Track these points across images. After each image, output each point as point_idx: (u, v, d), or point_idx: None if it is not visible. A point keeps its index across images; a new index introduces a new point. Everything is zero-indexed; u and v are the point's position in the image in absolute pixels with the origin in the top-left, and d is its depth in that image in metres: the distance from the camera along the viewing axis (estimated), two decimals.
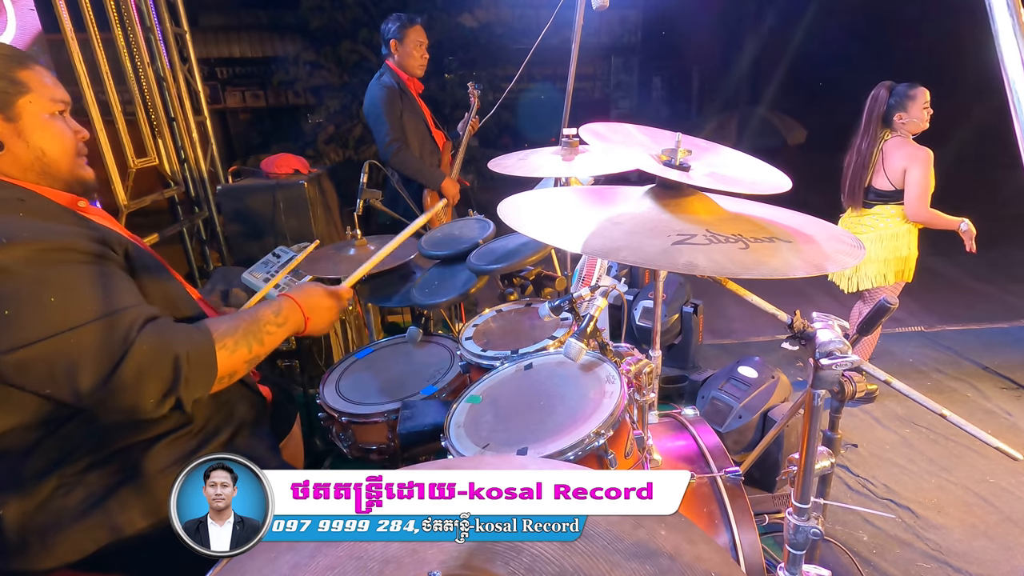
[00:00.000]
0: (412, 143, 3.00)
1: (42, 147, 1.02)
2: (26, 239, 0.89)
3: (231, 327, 1.07)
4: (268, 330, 1.13)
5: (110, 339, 0.92)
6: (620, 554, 0.62)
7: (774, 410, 2.46)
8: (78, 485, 1.02)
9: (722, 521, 1.30)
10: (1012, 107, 0.54)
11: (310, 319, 1.23)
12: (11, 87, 0.98)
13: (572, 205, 1.07)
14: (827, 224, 0.95)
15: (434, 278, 1.92)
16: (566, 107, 2.26)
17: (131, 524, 1.05)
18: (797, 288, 4.45)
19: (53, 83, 1.05)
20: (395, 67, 2.98)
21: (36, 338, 0.88)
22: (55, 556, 1.00)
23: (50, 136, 1.03)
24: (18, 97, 0.98)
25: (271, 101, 8.05)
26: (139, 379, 0.93)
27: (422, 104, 3.13)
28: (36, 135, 1.01)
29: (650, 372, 1.26)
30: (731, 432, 2.42)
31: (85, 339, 0.90)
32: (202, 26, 7.12)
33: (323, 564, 0.66)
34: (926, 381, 3.34)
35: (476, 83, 3.15)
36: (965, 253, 2.70)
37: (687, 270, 0.75)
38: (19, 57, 1.02)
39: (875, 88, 2.83)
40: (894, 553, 2.07)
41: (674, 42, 8.84)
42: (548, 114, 3.21)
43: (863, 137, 2.86)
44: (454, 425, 1.19)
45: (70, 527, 1.01)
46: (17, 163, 1.01)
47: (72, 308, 0.90)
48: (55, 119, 1.04)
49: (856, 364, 0.82)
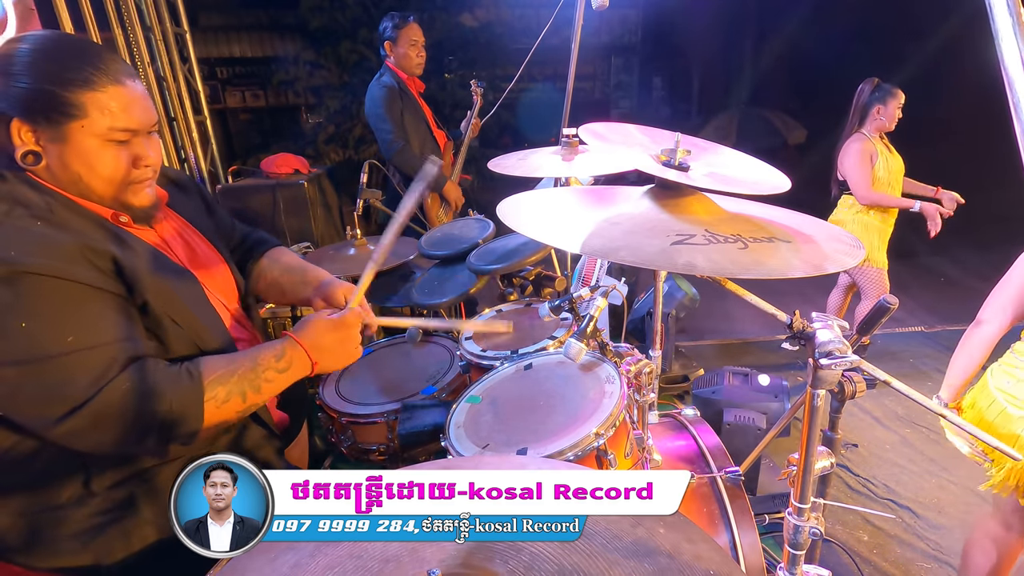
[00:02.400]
0: (413, 143, 2.99)
1: (80, 173, 0.94)
2: (12, 259, 0.83)
3: (226, 373, 0.97)
4: (267, 376, 1.01)
5: (80, 375, 0.85)
6: (619, 552, 0.62)
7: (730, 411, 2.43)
8: (90, 497, 1.00)
9: (722, 521, 1.30)
10: (1012, 107, 0.54)
11: (318, 363, 1.07)
12: (69, 110, 0.90)
13: (571, 205, 1.07)
14: (826, 224, 0.95)
15: (434, 278, 1.92)
16: (566, 107, 2.25)
17: (142, 538, 1.02)
18: (797, 288, 4.45)
19: (126, 108, 0.94)
20: (394, 67, 2.99)
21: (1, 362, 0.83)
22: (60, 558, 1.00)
23: (95, 163, 0.94)
24: (71, 121, 0.90)
25: (271, 101, 8.04)
26: (101, 424, 0.87)
27: (423, 104, 3.12)
28: (77, 161, 0.93)
29: (650, 372, 1.26)
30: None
31: (53, 372, 0.85)
32: (202, 26, 7.11)
33: (323, 564, 0.66)
34: (926, 381, 3.34)
35: (479, 80, 3.14)
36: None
37: (686, 270, 0.75)
38: (99, 76, 0.92)
39: (863, 83, 2.99)
40: (894, 553, 2.07)
41: (674, 42, 8.84)
42: (548, 114, 3.21)
43: (845, 129, 3.06)
44: (454, 425, 1.20)
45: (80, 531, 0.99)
46: (53, 177, 0.95)
47: (44, 338, 0.85)
48: (108, 146, 0.94)
49: (856, 364, 0.82)
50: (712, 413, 2.46)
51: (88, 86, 0.91)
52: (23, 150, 0.91)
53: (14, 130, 0.90)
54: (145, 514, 1.02)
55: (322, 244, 3.10)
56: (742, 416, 2.37)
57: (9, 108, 0.90)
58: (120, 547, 1.00)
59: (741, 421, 2.35)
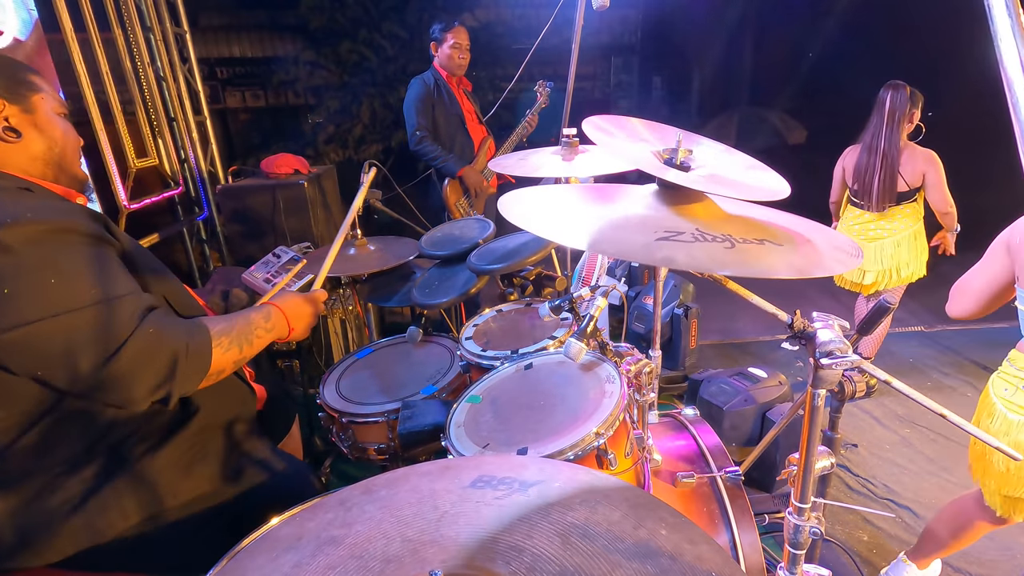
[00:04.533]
0: (441, 135, 3.25)
1: (54, 137, 1.08)
2: (29, 219, 0.90)
3: (227, 327, 1.10)
4: (258, 334, 1.18)
5: (111, 324, 0.92)
6: (621, 554, 0.62)
7: (773, 410, 2.47)
8: (64, 483, 1.02)
9: (722, 521, 1.30)
10: (1012, 107, 0.54)
11: (294, 329, 1.29)
12: (25, 86, 1.05)
13: (575, 202, 1.07)
14: (831, 232, 0.94)
15: (434, 278, 1.92)
16: (566, 107, 2.25)
17: (124, 521, 1.05)
18: (798, 288, 4.45)
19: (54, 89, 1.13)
20: (438, 67, 3.25)
21: (35, 318, 0.88)
22: (43, 555, 1.01)
23: (61, 131, 1.10)
24: (33, 94, 1.06)
25: (271, 101, 8.04)
26: (135, 368, 0.93)
27: (464, 101, 3.33)
28: (49, 127, 1.07)
29: (650, 372, 1.26)
30: (732, 413, 2.49)
31: (85, 322, 0.90)
32: (202, 26, 7.11)
33: (324, 563, 0.66)
34: (926, 381, 3.34)
35: (548, 81, 3.25)
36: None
37: (663, 264, 0.77)
38: (25, 65, 1.10)
39: (892, 88, 2.81)
40: (894, 553, 2.07)
41: (674, 42, 8.83)
42: (548, 114, 3.21)
43: (884, 138, 2.82)
44: (454, 425, 1.20)
45: (57, 526, 1.01)
46: (28, 153, 1.05)
47: (73, 290, 0.91)
48: (60, 119, 1.11)
49: (856, 364, 0.82)
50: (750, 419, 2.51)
51: (29, 71, 1.08)
52: (1, 127, 1.01)
53: None
54: (117, 496, 1.05)
55: (322, 244, 3.09)
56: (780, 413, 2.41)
57: None
58: (91, 534, 1.03)
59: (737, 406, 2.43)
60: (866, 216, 3.01)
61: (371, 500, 0.76)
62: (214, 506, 1.17)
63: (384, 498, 0.76)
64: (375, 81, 5.91)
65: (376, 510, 0.73)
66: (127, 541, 1.06)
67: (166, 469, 1.11)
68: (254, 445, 1.29)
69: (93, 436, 1.04)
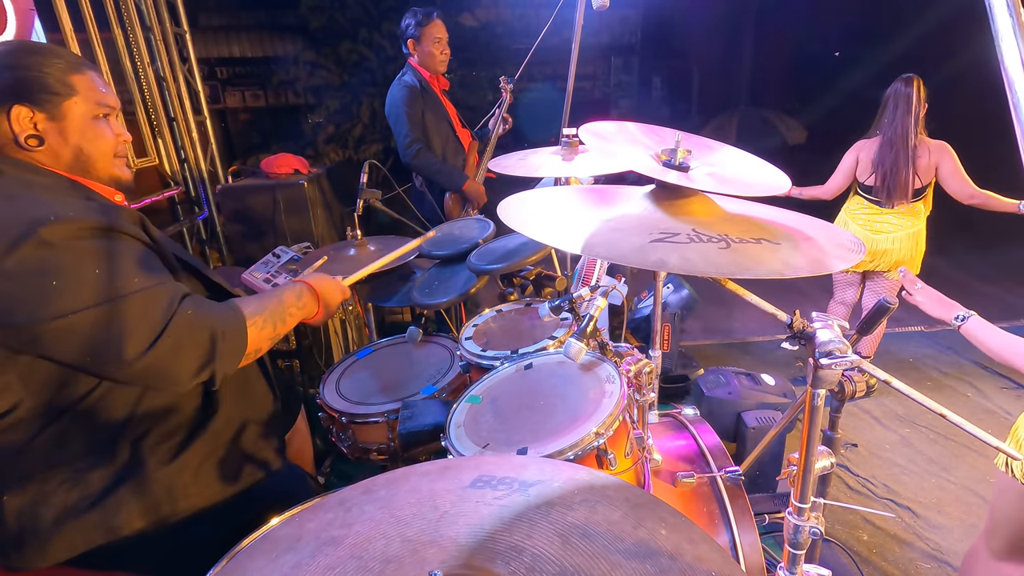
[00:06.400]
0: (434, 143, 2.93)
1: (80, 146, 1.08)
2: (71, 218, 0.94)
3: (259, 307, 1.15)
4: (291, 312, 1.21)
5: (153, 310, 0.97)
6: (621, 554, 0.62)
7: (748, 413, 2.47)
8: (84, 478, 1.03)
9: (722, 521, 1.30)
10: (1012, 107, 0.54)
11: (320, 312, 1.31)
12: (62, 89, 1.04)
13: (573, 204, 1.07)
14: (834, 228, 0.94)
15: (434, 278, 1.92)
16: (566, 107, 2.25)
17: (129, 523, 1.05)
18: (798, 288, 4.45)
19: (104, 87, 1.12)
20: (417, 66, 2.90)
21: (83, 306, 0.91)
22: (51, 555, 1.01)
23: (90, 137, 1.09)
24: (65, 99, 1.05)
25: (271, 101, 8.05)
26: (178, 350, 0.98)
27: (447, 102, 3.03)
28: (76, 135, 1.07)
29: (650, 372, 1.26)
30: (711, 399, 2.55)
31: (130, 309, 0.95)
32: (202, 26, 7.12)
33: (324, 563, 0.66)
34: (926, 381, 3.34)
35: (508, 77, 2.94)
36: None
37: (655, 267, 0.77)
38: (75, 63, 1.08)
39: (911, 81, 2.79)
40: (894, 553, 2.07)
41: (674, 42, 8.84)
42: (548, 114, 3.20)
43: (911, 132, 2.80)
44: (454, 425, 1.20)
45: (68, 524, 1.01)
46: (55, 157, 1.06)
47: (117, 280, 0.95)
48: (98, 122, 1.10)
49: (856, 364, 0.82)
50: (727, 415, 2.51)
51: (75, 70, 1.06)
52: (24, 135, 1.01)
53: (14, 117, 1.00)
54: (126, 496, 1.05)
55: (322, 244, 3.09)
56: (763, 418, 2.40)
57: (6, 98, 0.99)
58: (102, 533, 1.04)
59: (764, 423, 2.37)
60: (875, 209, 2.99)
61: (371, 500, 0.76)
62: (221, 505, 1.17)
63: (384, 498, 0.76)
64: (375, 81, 5.91)
65: (376, 510, 0.73)
66: (136, 539, 1.06)
67: (183, 468, 1.12)
68: (264, 444, 1.29)
69: (114, 431, 1.05)
